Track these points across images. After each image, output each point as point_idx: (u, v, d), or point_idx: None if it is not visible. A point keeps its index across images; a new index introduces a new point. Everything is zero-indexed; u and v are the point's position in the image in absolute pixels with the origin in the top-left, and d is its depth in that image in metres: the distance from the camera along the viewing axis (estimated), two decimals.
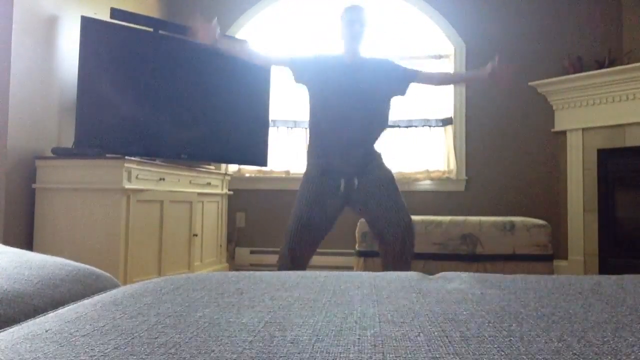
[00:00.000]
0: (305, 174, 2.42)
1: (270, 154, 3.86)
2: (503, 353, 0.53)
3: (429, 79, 2.51)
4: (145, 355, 0.52)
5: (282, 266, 2.32)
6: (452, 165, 4.02)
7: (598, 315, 0.69)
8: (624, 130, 3.49)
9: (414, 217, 3.32)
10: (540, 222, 3.17)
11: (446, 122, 4.06)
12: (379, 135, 2.44)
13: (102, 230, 2.67)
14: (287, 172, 4.16)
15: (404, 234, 2.27)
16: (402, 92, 2.48)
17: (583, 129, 3.71)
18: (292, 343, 0.56)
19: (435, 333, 0.60)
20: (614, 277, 0.99)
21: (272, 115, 4.06)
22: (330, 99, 2.34)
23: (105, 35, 2.96)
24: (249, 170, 4.22)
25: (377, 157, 2.43)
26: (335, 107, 2.33)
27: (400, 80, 2.44)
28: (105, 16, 3.28)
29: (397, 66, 2.47)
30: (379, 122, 2.42)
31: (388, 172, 2.41)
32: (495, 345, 0.55)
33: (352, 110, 2.32)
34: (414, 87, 2.55)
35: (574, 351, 0.53)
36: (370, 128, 2.39)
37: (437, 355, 0.52)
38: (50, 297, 0.93)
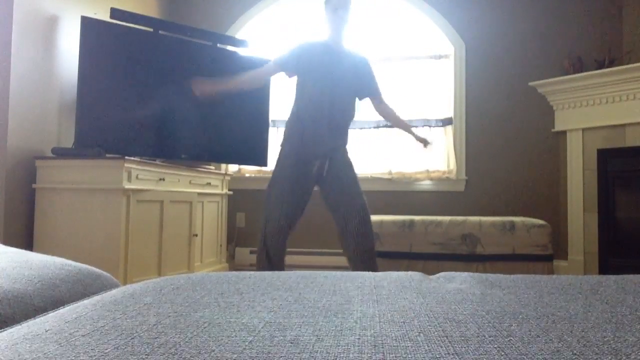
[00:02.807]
0: (280, 159, 2.51)
1: (270, 154, 3.86)
2: (503, 353, 0.53)
3: (378, 107, 2.72)
4: (145, 355, 0.52)
5: (262, 253, 2.45)
6: (452, 165, 4.02)
7: (598, 315, 0.69)
8: (624, 130, 3.49)
9: (414, 217, 3.32)
10: (540, 222, 3.17)
11: (446, 122, 4.06)
12: (349, 122, 2.63)
13: (102, 230, 2.67)
14: None
15: (362, 216, 2.43)
16: (360, 98, 2.68)
17: (583, 129, 3.71)
18: (292, 343, 0.56)
19: (435, 333, 0.60)
20: (613, 277, 0.99)
21: (272, 115, 4.06)
22: (316, 82, 2.50)
23: (105, 35, 2.96)
24: (249, 170, 4.22)
25: (345, 144, 2.61)
26: (320, 89, 2.49)
27: (367, 87, 2.65)
28: (105, 16, 3.28)
29: (372, 74, 2.67)
30: (352, 110, 2.62)
31: (350, 160, 2.59)
32: (495, 345, 0.55)
33: (333, 94, 2.50)
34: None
35: (574, 351, 0.53)
36: (346, 114, 2.58)
37: (437, 355, 0.52)
38: (50, 297, 0.93)
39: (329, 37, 2.57)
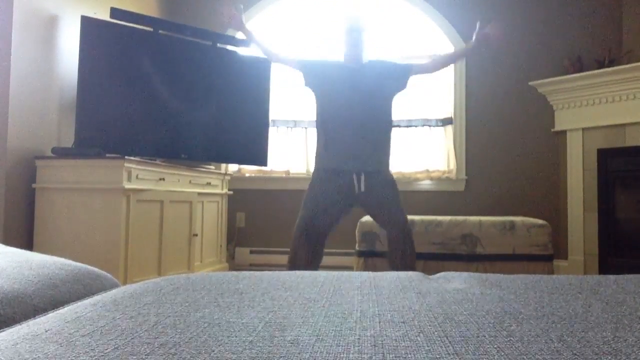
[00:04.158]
0: (314, 175, 2.52)
1: (270, 154, 3.86)
2: (503, 353, 0.53)
3: (424, 69, 2.64)
4: (145, 355, 0.52)
5: (292, 267, 2.45)
6: (452, 165, 4.02)
7: (598, 315, 0.69)
8: (624, 130, 3.49)
9: (414, 217, 3.32)
10: (540, 222, 3.17)
11: (446, 122, 4.06)
12: (387, 134, 2.56)
13: (102, 230, 2.67)
14: (287, 172, 4.16)
15: (402, 235, 2.43)
16: (404, 86, 2.61)
17: (583, 129, 3.71)
18: (292, 343, 0.56)
19: (435, 333, 0.60)
20: (613, 277, 0.99)
21: (272, 115, 4.06)
22: (337, 102, 2.48)
23: (105, 35, 2.96)
24: (249, 170, 4.22)
25: (384, 160, 2.53)
26: (342, 109, 2.47)
27: (399, 77, 2.59)
28: (105, 16, 3.28)
29: (394, 64, 2.63)
30: (385, 121, 2.56)
31: (391, 178, 2.53)
32: (495, 346, 0.55)
33: (358, 112, 2.46)
34: (413, 83, 2.70)
35: (574, 351, 0.53)
36: (376, 127, 2.51)
37: (437, 355, 0.52)
38: (50, 297, 0.93)
39: (346, 57, 2.54)
